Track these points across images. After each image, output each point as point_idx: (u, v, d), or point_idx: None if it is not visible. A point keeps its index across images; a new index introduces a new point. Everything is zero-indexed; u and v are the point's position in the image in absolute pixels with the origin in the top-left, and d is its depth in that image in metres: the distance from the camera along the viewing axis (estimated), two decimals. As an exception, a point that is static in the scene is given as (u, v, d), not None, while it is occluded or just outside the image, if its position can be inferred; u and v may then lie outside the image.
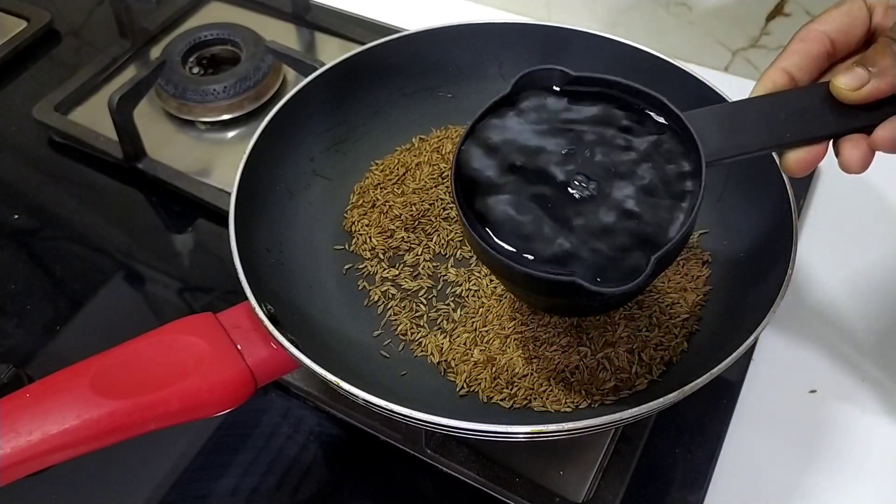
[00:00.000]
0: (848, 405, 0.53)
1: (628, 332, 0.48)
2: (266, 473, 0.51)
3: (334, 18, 0.80)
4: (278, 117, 0.52)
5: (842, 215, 0.63)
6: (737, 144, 0.39)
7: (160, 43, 0.79)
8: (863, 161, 0.39)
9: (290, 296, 0.49)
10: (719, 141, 0.39)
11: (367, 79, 0.57)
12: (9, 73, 0.78)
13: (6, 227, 0.66)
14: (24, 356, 0.57)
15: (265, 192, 0.52)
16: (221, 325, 0.44)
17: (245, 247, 0.46)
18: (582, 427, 0.37)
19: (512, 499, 0.48)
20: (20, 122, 0.73)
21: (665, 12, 0.73)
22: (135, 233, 0.66)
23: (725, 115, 0.40)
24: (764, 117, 0.39)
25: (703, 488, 0.49)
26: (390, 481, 0.51)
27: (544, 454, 0.49)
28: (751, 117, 0.39)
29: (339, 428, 0.53)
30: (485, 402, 0.47)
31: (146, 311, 0.61)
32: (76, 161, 0.70)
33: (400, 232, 0.55)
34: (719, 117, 0.39)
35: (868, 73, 0.37)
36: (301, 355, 0.40)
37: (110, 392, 0.39)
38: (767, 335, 0.56)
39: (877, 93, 0.37)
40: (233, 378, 0.42)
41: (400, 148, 0.59)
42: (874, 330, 0.56)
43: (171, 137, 0.70)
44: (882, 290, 0.58)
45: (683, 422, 0.52)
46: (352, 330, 0.51)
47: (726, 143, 0.39)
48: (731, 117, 0.39)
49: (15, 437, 0.37)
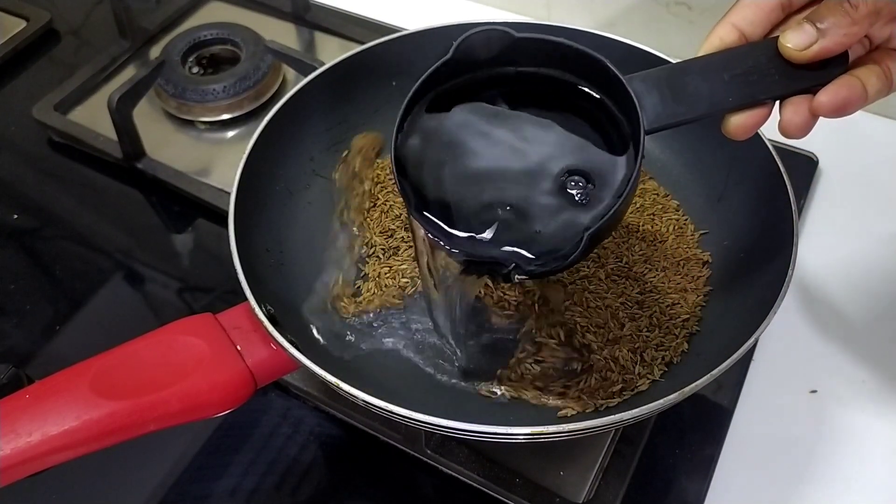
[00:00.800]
0: (848, 405, 0.53)
1: (630, 332, 0.48)
2: (266, 473, 0.51)
3: (334, 18, 0.80)
4: (278, 117, 0.52)
5: (842, 215, 0.63)
6: (678, 111, 0.38)
7: (160, 43, 0.79)
8: (804, 126, 0.38)
9: (289, 296, 0.49)
10: (660, 108, 0.38)
11: (367, 79, 0.57)
12: (8, 73, 0.78)
13: (6, 227, 0.66)
14: (23, 356, 0.57)
15: (265, 192, 0.52)
16: (221, 325, 0.44)
17: (245, 247, 0.46)
18: (582, 428, 0.37)
19: (512, 499, 0.48)
20: (20, 121, 0.73)
21: (665, 12, 0.73)
22: (134, 233, 0.66)
23: (667, 78, 0.39)
24: (707, 80, 0.38)
25: (704, 489, 0.49)
26: (390, 481, 0.51)
27: (544, 454, 0.49)
28: (693, 81, 0.38)
29: (339, 428, 0.53)
30: (484, 396, 0.47)
31: (146, 311, 0.61)
32: (76, 161, 0.70)
33: (400, 232, 0.55)
34: (661, 82, 0.38)
35: (816, 32, 0.36)
36: (301, 356, 0.40)
37: (110, 393, 0.39)
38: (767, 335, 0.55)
39: (823, 53, 0.37)
40: (232, 379, 0.42)
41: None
42: (874, 330, 0.56)
43: (170, 137, 0.70)
44: (882, 290, 0.58)
45: (684, 422, 0.52)
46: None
47: (667, 110, 0.38)
48: (673, 81, 0.38)
49: (15, 438, 0.37)
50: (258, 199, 0.51)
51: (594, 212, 0.38)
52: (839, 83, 0.37)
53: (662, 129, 0.38)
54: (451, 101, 0.41)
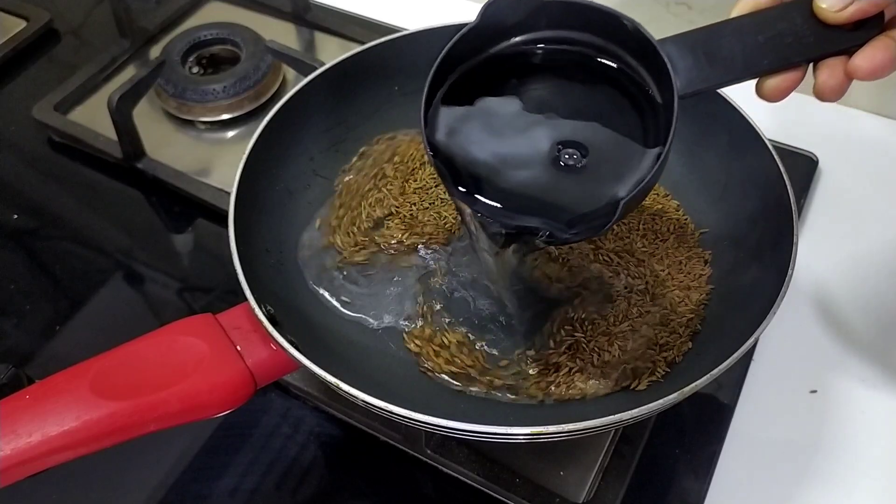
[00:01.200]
0: (848, 405, 0.53)
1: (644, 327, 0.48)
2: (266, 473, 0.51)
3: (334, 18, 0.80)
4: (278, 117, 0.52)
5: (842, 215, 0.63)
6: (712, 75, 0.38)
7: (160, 42, 0.79)
8: (839, 89, 0.38)
9: (289, 296, 0.49)
10: (694, 72, 0.37)
11: (367, 79, 0.57)
12: (8, 73, 0.78)
13: (6, 227, 0.66)
14: (23, 356, 0.57)
15: (265, 192, 0.52)
16: (221, 325, 0.44)
17: (245, 247, 0.46)
18: (582, 428, 0.37)
19: (512, 499, 0.48)
20: (20, 121, 0.73)
21: (665, 11, 0.73)
22: (134, 233, 0.66)
23: (701, 42, 0.38)
24: (741, 43, 0.38)
25: (704, 489, 0.49)
26: (390, 481, 0.51)
27: (544, 454, 0.49)
28: (727, 43, 0.38)
29: (339, 428, 0.53)
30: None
31: (146, 311, 0.61)
32: (76, 161, 0.70)
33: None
34: (694, 45, 0.38)
35: None
36: (300, 356, 0.40)
37: (110, 393, 0.39)
38: (767, 335, 0.56)
39: (859, 14, 0.36)
40: (232, 379, 0.42)
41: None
42: (874, 329, 0.56)
43: (170, 137, 0.70)
44: (882, 290, 0.58)
45: (684, 422, 0.52)
46: (351, 331, 0.51)
47: (701, 75, 0.38)
48: (707, 44, 0.38)
49: (15, 439, 0.37)
50: (258, 199, 0.51)
51: (627, 180, 0.38)
52: (875, 45, 0.37)
53: (696, 93, 0.38)
54: (478, 77, 0.41)
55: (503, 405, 0.47)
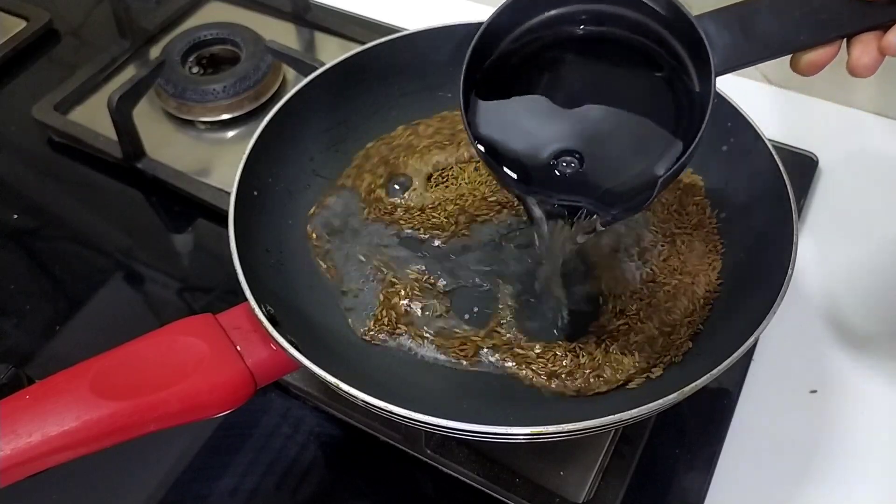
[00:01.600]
0: (848, 405, 0.53)
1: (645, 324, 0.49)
2: (266, 473, 0.51)
3: (334, 18, 0.80)
4: (278, 117, 0.52)
5: (842, 215, 0.63)
6: (749, 51, 0.38)
7: (160, 42, 0.79)
8: (872, 66, 0.38)
9: (289, 296, 0.49)
10: (731, 48, 0.37)
11: (367, 79, 0.57)
12: (8, 73, 0.78)
13: (6, 227, 0.66)
14: (23, 356, 0.57)
15: (265, 192, 0.52)
16: (221, 325, 0.44)
17: (245, 247, 0.46)
18: (582, 428, 0.37)
19: (512, 499, 0.48)
20: (19, 121, 0.73)
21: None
22: (134, 233, 0.66)
23: (737, 17, 0.38)
24: (778, 18, 0.38)
25: (704, 489, 0.49)
26: (390, 481, 0.51)
27: (544, 454, 0.49)
28: (764, 19, 0.38)
29: (339, 428, 0.53)
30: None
31: (146, 311, 0.61)
32: (75, 161, 0.70)
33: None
34: (731, 21, 0.38)
35: None
36: (300, 356, 0.40)
37: (110, 393, 0.39)
38: (767, 335, 0.55)
39: None
40: (232, 379, 0.42)
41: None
42: (874, 330, 0.56)
43: (170, 137, 0.70)
44: (882, 290, 0.58)
45: (684, 422, 0.52)
46: (351, 331, 0.51)
47: (738, 51, 0.38)
48: (744, 20, 0.38)
49: (15, 439, 0.37)
50: (258, 199, 0.51)
51: (664, 159, 0.38)
52: None
53: (733, 69, 0.38)
54: (512, 65, 0.41)
55: (503, 405, 0.47)
